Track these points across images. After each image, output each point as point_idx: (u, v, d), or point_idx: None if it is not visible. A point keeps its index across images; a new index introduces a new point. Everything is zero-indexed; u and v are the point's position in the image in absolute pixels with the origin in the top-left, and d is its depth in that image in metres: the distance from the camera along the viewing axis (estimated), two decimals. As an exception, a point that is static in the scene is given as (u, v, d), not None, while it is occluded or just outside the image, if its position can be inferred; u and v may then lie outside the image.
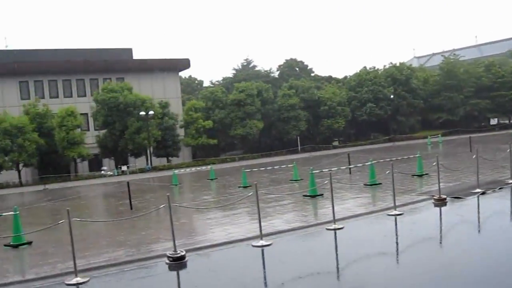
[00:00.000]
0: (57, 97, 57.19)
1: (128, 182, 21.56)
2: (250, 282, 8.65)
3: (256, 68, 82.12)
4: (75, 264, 9.40)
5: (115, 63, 59.91)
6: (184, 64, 66.05)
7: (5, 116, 45.97)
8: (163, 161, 53.94)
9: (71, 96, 57.78)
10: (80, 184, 42.59)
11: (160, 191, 27.94)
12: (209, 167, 37.37)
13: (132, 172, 48.72)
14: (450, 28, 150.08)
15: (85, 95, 58.32)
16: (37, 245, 13.51)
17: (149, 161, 51.49)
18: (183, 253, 10.13)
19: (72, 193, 32.57)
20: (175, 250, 10.20)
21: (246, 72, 79.24)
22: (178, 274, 9.69)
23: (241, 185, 24.52)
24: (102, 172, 49.57)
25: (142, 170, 49.36)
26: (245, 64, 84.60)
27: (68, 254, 11.03)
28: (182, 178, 34.06)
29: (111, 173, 48.81)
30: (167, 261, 10.08)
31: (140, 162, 52.85)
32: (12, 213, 14.10)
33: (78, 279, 9.20)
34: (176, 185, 29.34)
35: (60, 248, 12.58)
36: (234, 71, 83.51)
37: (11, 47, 73.74)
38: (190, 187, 29.81)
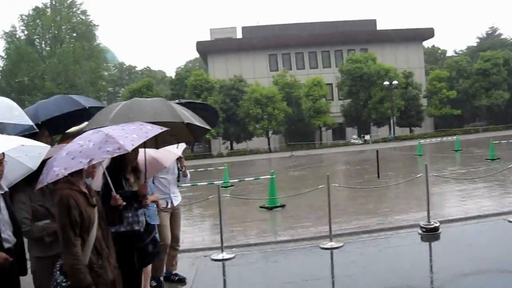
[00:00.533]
0: (303, 68, 59.58)
1: (377, 151, 21.69)
2: (501, 258, 8.02)
3: (502, 36, 77.87)
4: (330, 228, 9.69)
5: (359, 34, 60.32)
6: (428, 33, 64.44)
7: (257, 86, 49.23)
8: (405, 131, 53.41)
9: (316, 67, 59.76)
10: (325, 152, 44.01)
11: (405, 160, 27.61)
12: (454, 137, 36.19)
13: (375, 142, 49.00)
14: None
15: (329, 66, 59.88)
16: (290, 209, 14.23)
17: (391, 131, 51.31)
18: (437, 224, 9.90)
19: (318, 160, 33.76)
20: (428, 221, 9.98)
21: (491, 40, 75.41)
22: (430, 245, 9.47)
23: (489, 158, 23.15)
24: (352, 141, 50.89)
25: (384, 140, 49.45)
26: (490, 32, 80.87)
27: (320, 219, 11.49)
28: (425, 148, 33.24)
29: (360, 141, 49.84)
30: (420, 232, 9.91)
31: (382, 131, 52.88)
32: (268, 177, 15.03)
33: (333, 244, 9.47)
34: (420, 155, 28.85)
35: (311, 213, 13.10)
36: (478, 40, 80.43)
37: (261, 23, 78.45)
38: (435, 158, 28.90)
